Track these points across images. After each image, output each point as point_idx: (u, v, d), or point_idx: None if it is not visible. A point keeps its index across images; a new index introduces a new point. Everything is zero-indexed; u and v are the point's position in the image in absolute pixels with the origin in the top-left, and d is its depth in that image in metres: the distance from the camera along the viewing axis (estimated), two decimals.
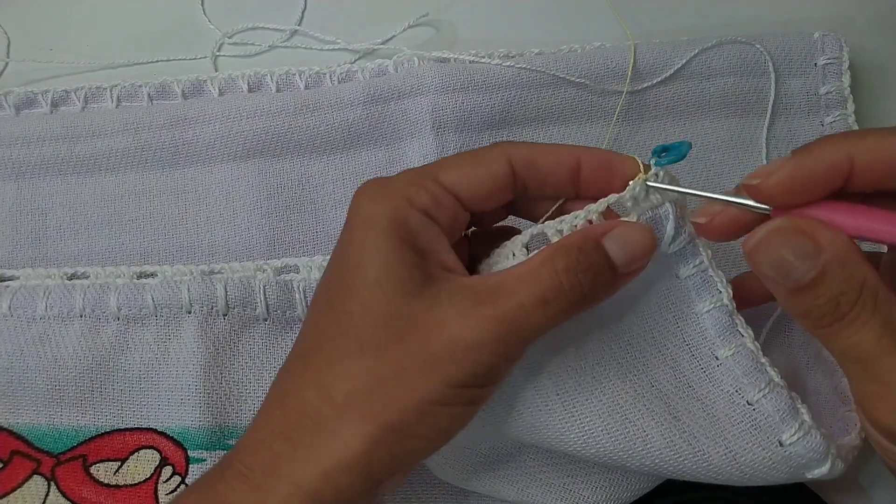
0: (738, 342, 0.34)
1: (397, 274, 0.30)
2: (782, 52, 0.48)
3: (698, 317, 0.34)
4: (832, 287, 0.29)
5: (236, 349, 0.41)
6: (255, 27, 0.52)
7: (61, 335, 0.40)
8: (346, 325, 0.31)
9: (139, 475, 0.41)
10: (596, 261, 0.31)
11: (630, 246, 0.32)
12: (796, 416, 0.33)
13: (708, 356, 0.34)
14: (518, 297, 0.30)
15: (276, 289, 0.41)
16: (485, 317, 0.29)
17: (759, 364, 0.34)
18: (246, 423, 0.41)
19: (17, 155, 0.47)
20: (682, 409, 0.34)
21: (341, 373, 0.30)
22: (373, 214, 0.31)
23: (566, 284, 0.30)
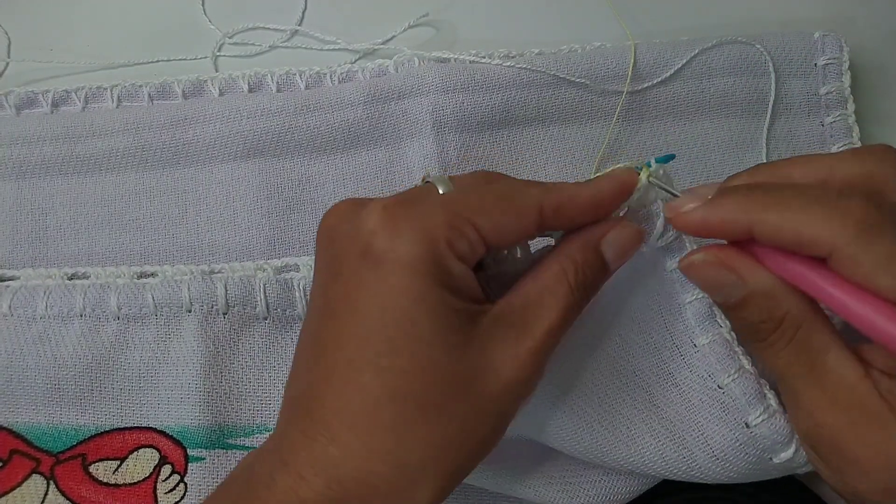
0: (715, 331, 0.36)
1: (448, 326, 0.29)
2: (782, 53, 0.48)
3: (681, 307, 0.36)
4: (753, 314, 0.31)
5: (236, 348, 0.41)
6: (256, 27, 0.52)
7: (61, 334, 0.40)
8: (402, 388, 0.29)
9: (138, 474, 0.41)
10: (597, 267, 0.33)
11: (623, 246, 0.33)
12: (762, 399, 0.34)
13: (687, 344, 0.36)
14: (547, 322, 0.31)
15: (277, 287, 0.41)
16: (528, 351, 0.30)
17: (732, 352, 0.35)
18: (246, 422, 0.41)
19: (17, 155, 0.47)
20: (661, 397, 0.36)
21: (413, 441, 0.28)
22: (414, 258, 0.29)
23: (578, 298, 0.32)
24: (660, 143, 0.48)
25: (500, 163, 0.47)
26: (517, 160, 0.48)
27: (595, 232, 0.33)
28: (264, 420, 0.41)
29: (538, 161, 0.48)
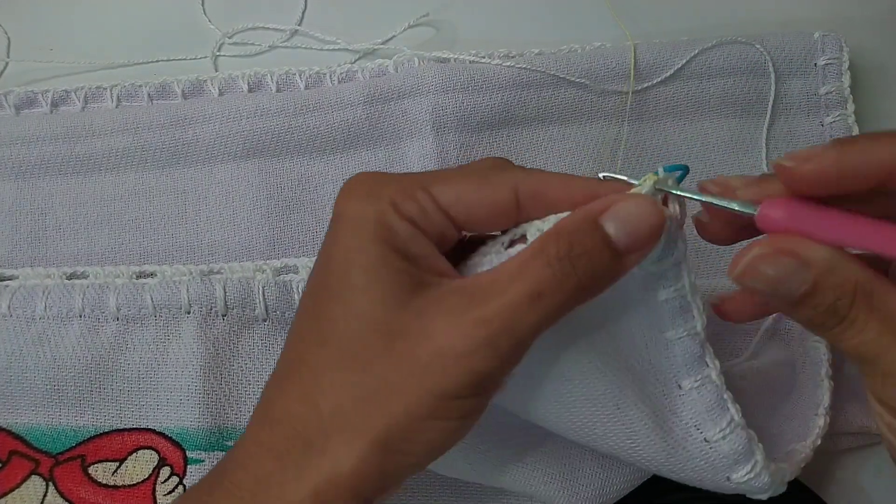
0: (703, 374, 0.33)
1: (385, 279, 0.28)
2: (782, 53, 0.48)
3: (669, 343, 0.33)
4: (827, 296, 0.28)
5: (236, 350, 0.41)
6: (256, 27, 0.52)
7: (60, 335, 0.40)
8: (329, 333, 0.29)
9: (137, 476, 0.41)
10: (593, 244, 0.28)
11: (632, 223, 0.28)
12: (750, 457, 0.33)
13: (672, 384, 0.33)
14: (509, 294, 0.27)
15: (276, 289, 0.40)
16: (475, 320, 0.27)
17: (721, 400, 0.33)
18: (245, 425, 0.41)
19: (17, 155, 0.47)
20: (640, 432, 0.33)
21: (326, 386, 0.29)
22: (359, 216, 0.29)
23: (560, 274, 0.28)
24: (660, 142, 0.48)
25: None
26: (517, 160, 0.47)
27: (593, 206, 0.29)
28: None
29: (538, 161, 0.48)
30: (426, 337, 0.28)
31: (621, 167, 0.48)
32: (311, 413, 0.29)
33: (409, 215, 0.29)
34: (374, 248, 0.29)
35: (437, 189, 0.30)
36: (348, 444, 0.28)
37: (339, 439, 0.28)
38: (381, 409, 0.28)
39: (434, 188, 0.30)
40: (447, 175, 0.31)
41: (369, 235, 0.29)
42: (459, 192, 0.30)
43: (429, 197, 0.30)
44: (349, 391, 0.28)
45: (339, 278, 0.29)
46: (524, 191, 0.30)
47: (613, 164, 0.47)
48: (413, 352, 0.28)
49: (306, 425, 0.29)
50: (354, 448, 0.28)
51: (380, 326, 0.28)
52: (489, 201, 0.30)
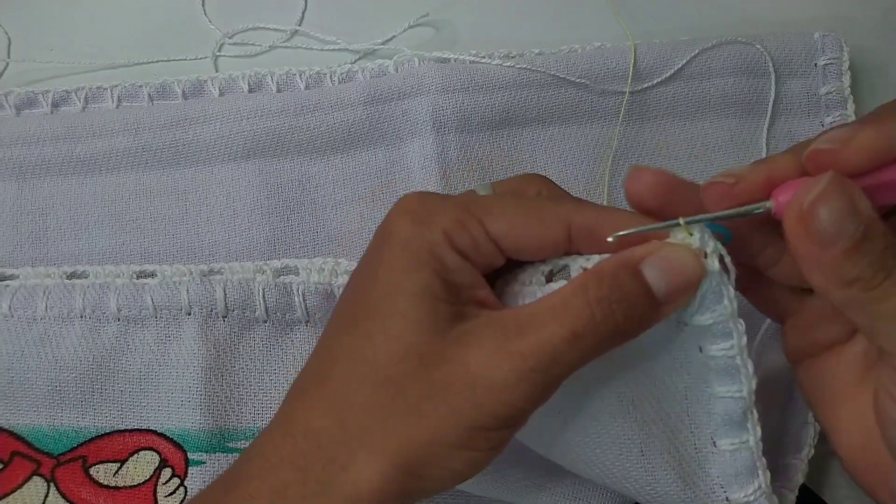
0: (742, 438, 0.32)
1: (428, 307, 0.29)
2: (782, 53, 0.48)
3: (710, 398, 0.31)
4: (878, 243, 0.27)
5: (236, 351, 0.41)
6: (256, 27, 0.52)
7: (61, 336, 0.40)
8: (364, 352, 0.29)
9: (139, 477, 0.41)
10: (632, 289, 0.28)
11: (673, 273, 0.28)
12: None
13: (706, 439, 0.32)
14: (548, 330, 0.27)
15: (276, 292, 0.40)
16: (511, 353, 0.27)
17: (753, 467, 0.32)
18: (247, 426, 0.41)
19: (17, 155, 0.47)
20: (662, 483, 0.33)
21: (356, 403, 0.29)
22: (411, 240, 0.29)
23: (598, 316, 0.28)
24: (660, 142, 0.48)
25: (499, 163, 0.47)
26: (517, 160, 0.48)
27: (634, 252, 0.29)
28: (265, 423, 0.41)
29: (538, 161, 0.48)
30: (462, 366, 0.28)
31: (621, 167, 0.48)
32: (336, 428, 0.29)
33: (461, 247, 0.29)
34: (422, 275, 0.29)
35: (490, 220, 0.30)
36: (372, 464, 0.28)
37: (364, 458, 0.28)
38: (410, 433, 0.28)
39: (487, 219, 0.30)
40: (500, 205, 0.30)
41: (419, 262, 0.29)
42: (512, 224, 0.30)
43: (482, 229, 0.30)
44: (379, 411, 0.28)
45: (381, 300, 0.29)
46: (577, 227, 0.30)
47: (610, 163, 0.47)
48: (447, 380, 0.28)
49: (330, 440, 0.28)
50: (378, 468, 0.28)
51: (417, 352, 0.28)
52: (541, 236, 0.30)
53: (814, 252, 0.28)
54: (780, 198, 0.29)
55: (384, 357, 0.29)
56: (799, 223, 0.28)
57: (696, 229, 0.29)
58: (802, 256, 0.28)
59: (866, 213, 0.27)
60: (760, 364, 0.42)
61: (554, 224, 0.30)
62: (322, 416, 0.29)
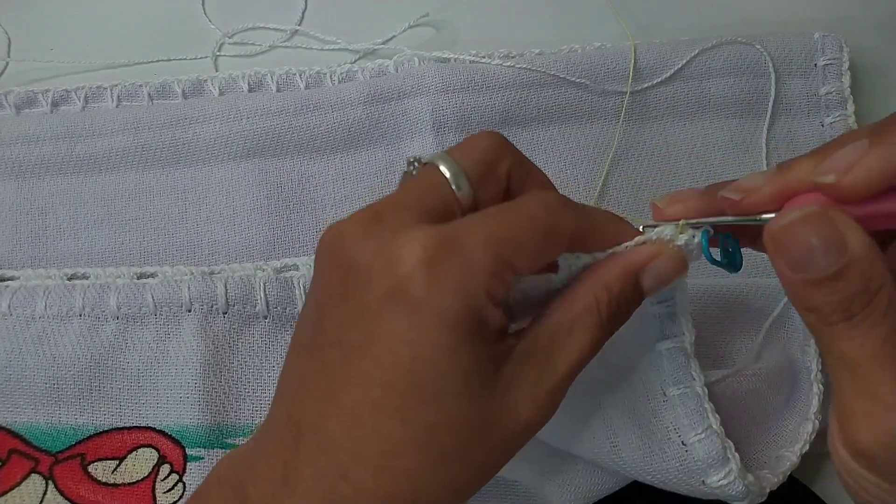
0: (687, 383, 0.35)
1: (477, 377, 0.28)
2: (782, 53, 0.48)
3: (659, 354, 0.35)
4: (852, 284, 0.27)
5: (236, 347, 0.41)
6: (256, 27, 0.52)
7: (60, 334, 0.40)
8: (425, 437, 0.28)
9: (137, 474, 0.41)
10: (633, 298, 0.31)
11: (664, 278, 0.31)
12: (725, 464, 0.34)
13: (657, 391, 0.35)
14: (571, 359, 0.30)
15: (277, 285, 0.40)
16: (549, 392, 0.29)
17: (701, 408, 0.35)
18: (245, 422, 0.41)
19: (17, 154, 0.47)
20: (621, 435, 0.36)
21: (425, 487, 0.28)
22: (451, 314, 0.27)
23: (608, 332, 0.30)
24: (660, 143, 0.48)
25: None
26: None
27: (636, 259, 0.31)
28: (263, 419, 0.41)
29: (538, 161, 0.46)
30: (514, 416, 0.29)
31: (621, 167, 0.48)
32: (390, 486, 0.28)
33: (499, 300, 0.28)
34: (469, 347, 0.27)
35: (518, 261, 0.29)
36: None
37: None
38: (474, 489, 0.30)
39: (516, 261, 0.28)
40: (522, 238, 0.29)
41: (464, 335, 0.27)
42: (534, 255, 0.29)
43: (512, 272, 0.29)
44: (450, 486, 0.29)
45: (430, 382, 0.27)
46: (578, 238, 0.30)
47: (610, 163, 0.47)
48: (506, 433, 0.29)
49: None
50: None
51: (476, 423, 0.28)
52: (552, 255, 0.30)
53: (785, 271, 0.28)
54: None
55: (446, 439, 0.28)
56: (771, 241, 0.29)
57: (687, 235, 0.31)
58: (775, 269, 0.29)
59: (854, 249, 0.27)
60: (761, 361, 0.42)
61: (564, 241, 0.30)
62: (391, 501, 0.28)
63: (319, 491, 0.28)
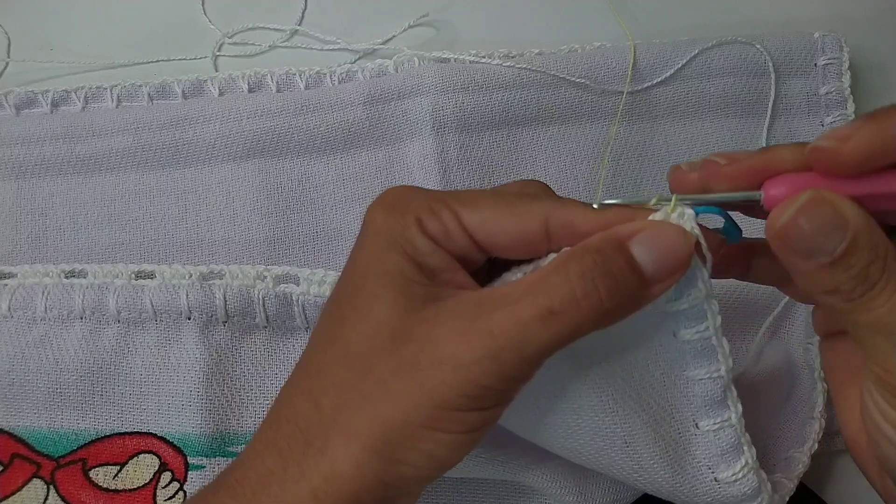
0: (723, 417, 0.32)
1: (398, 287, 0.28)
2: (782, 53, 0.47)
3: (688, 382, 0.32)
4: (862, 257, 0.27)
5: (237, 355, 0.41)
6: (256, 27, 0.52)
7: (62, 338, 0.40)
8: (338, 334, 0.29)
9: (138, 480, 0.41)
10: (618, 265, 0.27)
11: (662, 250, 0.28)
12: (758, 495, 0.32)
13: (689, 423, 0.33)
14: (519, 307, 0.27)
15: (276, 301, 0.40)
16: (481, 331, 0.26)
17: (738, 444, 0.32)
18: (247, 430, 0.41)
19: (17, 155, 0.47)
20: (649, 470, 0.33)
21: (329, 384, 0.28)
22: (384, 227, 0.30)
23: (579, 292, 0.27)
24: (660, 142, 0.48)
25: (500, 163, 0.47)
26: (517, 160, 0.48)
27: (624, 228, 0.29)
28: None
29: (538, 161, 0.48)
30: (431, 343, 0.27)
31: (621, 167, 0.48)
32: (314, 411, 0.28)
33: (431, 233, 0.29)
34: (393, 257, 0.29)
35: (462, 211, 0.30)
36: (346, 446, 0.27)
37: (338, 440, 0.27)
38: (380, 412, 0.27)
39: (460, 209, 0.30)
40: (476, 197, 0.30)
41: (390, 245, 0.29)
42: (485, 217, 0.29)
43: (454, 217, 0.30)
44: (349, 391, 0.28)
45: (356, 283, 0.30)
46: (555, 222, 0.29)
47: (609, 163, 0.47)
48: (415, 357, 0.27)
49: (308, 423, 0.28)
50: (352, 451, 0.27)
51: (387, 330, 0.28)
52: (515, 230, 0.29)
53: (796, 262, 0.28)
54: (771, 191, 0.29)
55: (355, 336, 0.29)
56: (777, 239, 0.28)
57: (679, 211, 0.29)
58: (786, 265, 0.29)
59: (854, 225, 0.27)
60: (761, 361, 0.42)
61: (529, 218, 0.29)
62: (302, 399, 0.29)
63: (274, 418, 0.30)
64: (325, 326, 0.31)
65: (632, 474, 0.33)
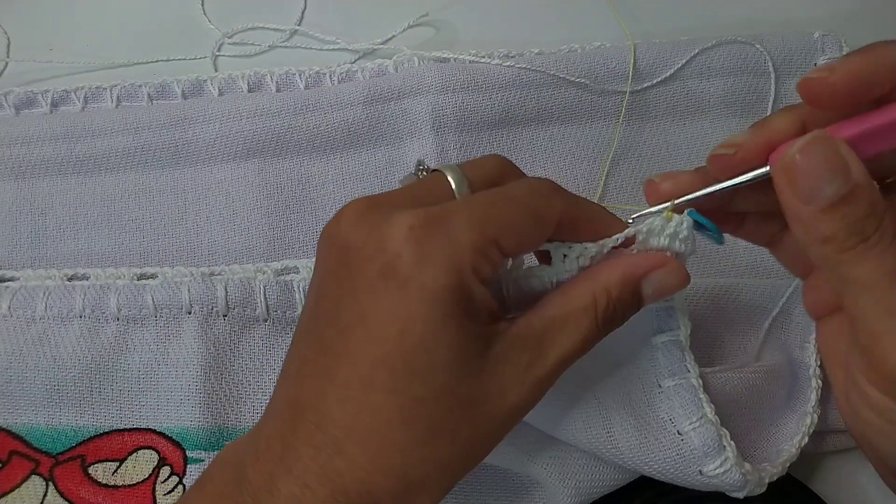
0: (682, 374, 0.35)
1: (466, 352, 0.28)
2: (782, 52, 0.48)
3: (654, 346, 0.36)
4: (860, 208, 0.29)
5: (237, 350, 0.41)
6: (255, 27, 0.52)
7: (61, 335, 0.40)
8: (414, 411, 0.28)
9: (137, 475, 0.41)
10: (631, 304, 0.32)
11: (663, 291, 0.32)
12: (721, 452, 0.35)
13: (653, 384, 0.36)
14: (564, 350, 0.30)
15: (277, 289, 0.40)
16: (539, 378, 0.30)
17: (696, 399, 0.35)
18: (245, 425, 0.41)
19: (16, 155, 0.47)
20: (617, 426, 0.36)
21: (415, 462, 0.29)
22: (437, 286, 0.28)
23: (602, 333, 0.31)
24: (660, 142, 0.48)
25: None
26: (517, 160, 0.46)
27: (639, 267, 0.32)
28: None
29: (538, 161, 0.48)
30: (501, 398, 0.29)
31: (620, 167, 0.48)
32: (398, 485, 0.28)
33: (485, 277, 0.29)
34: (457, 322, 0.28)
35: (504, 240, 0.29)
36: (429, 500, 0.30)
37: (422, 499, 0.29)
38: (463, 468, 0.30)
39: (502, 240, 0.29)
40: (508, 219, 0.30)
41: (451, 309, 0.28)
42: (521, 236, 0.30)
43: (498, 251, 0.29)
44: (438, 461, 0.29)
45: (419, 356, 0.28)
46: (563, 220, 0.31)
47: (610, 163, 0.47)
48: (492, 414, 0.29)
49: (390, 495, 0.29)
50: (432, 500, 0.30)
51: (464, 398, 0.29)
52: (541, 237, 0.31)
53: (795, 205, 0.30)
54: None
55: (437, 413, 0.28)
56: (782, 175, 0.30)
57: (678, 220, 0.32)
58: (786, 208, 0.30)
59: (856, 175, 0.29)
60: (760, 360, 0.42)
61: (551, 224, 0.31)
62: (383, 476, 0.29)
63: (315, 467, 0.28)
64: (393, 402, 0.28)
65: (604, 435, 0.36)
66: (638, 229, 0.32)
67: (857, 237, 0.29)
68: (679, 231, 0.32)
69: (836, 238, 0.29)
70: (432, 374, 0.28)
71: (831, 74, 0.29)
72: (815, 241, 0.30)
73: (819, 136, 0.29)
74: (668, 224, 0.32)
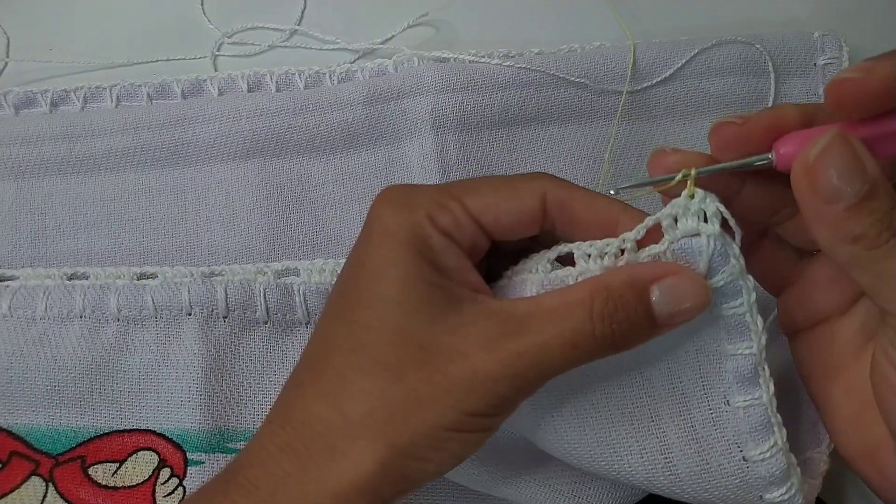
0: (755, 395, 0.31)
1: (420, 292, 0.29)
2: (782, 52, 0.47)
3: (721, 357, 0.31)
4: (884, 201, 0.28)
5: (237, 352, 0.41)
6: (255, 27, 0.52)
7: (61, 336, 0.40)
8: (361, 339, 0.30)
9: (137, 477, 0.41)
10: (636, 311, 0.29)
11: (679, 301, 0.29)
12: (787, 479, 0.32)
13: (719, 399, 0.32)
14: (546, 335, 0.29)
15: (277, 292, 0.41)
16: (509, 351, 0.29)
17: (768, 423, 0.31)
18: (246, 426, 0.41)
19: (16, 154, 0.47)
20: (676, 449, 0.33)
21: (355, 391, 0.29)
22: (394, 226, 0.30)
23: (598, 332, 0.29)
24: (660, 142, 0.48)
25: (499, 163, 0.47)
26: (517, 160, 0.48)
27: (647, 271, 0.30)
28: None
29: (537, 160, 0.48)
30: (461, 356, 0.29)
31: (620, 167, 0.48)
32: (336, 416, 0.29)
33: (444, 227, 0.30)
34: (409, 259, 0.29)
35: (467, 198, 0.31)
36: (373, 450, 0.29)
37: (365, 444, 0.29)
38: (410, 418, 0.29)
39: (465, 197, 0.31)
40: (476, 184, 0.32)
41: (404, 246, 0.30)
42: (488, 200, 0.31)
43: (461, 207, 0.31)
44: (378, 398, 0.29)
45: (372, 287, 0.30)
46: (551, 199, 0.31)
47: (609, 163, 0.47)
48: (446, 369, 0.29)
49: (329, 428, 0.29)
50: (379, 453, 0.28)
51: (414, 339, 0.29)
52: (518, 209, 0.31)
53: (819, 207, 0.28)
54: (782, 150, 0.29)
55: (382, 346, 0.29)
56: (804, 177, 0.28)
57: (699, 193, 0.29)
58: (808, 211, 0.29)
59: (872, 171, 0.28)
60: None
61: (528, 196, 0.31)
62: (321, 405, 0.30)
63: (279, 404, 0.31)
64: (340, 330, 0.31)
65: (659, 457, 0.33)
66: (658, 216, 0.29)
67: (889, 232, 0.28)
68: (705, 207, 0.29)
69: (868, 235, 0.28)
70: (381, 305, 0.29)
71: (868, 77, 0.28)
72: (845, 240, 0.28)
73: (837, 135, 0.28)
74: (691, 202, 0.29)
